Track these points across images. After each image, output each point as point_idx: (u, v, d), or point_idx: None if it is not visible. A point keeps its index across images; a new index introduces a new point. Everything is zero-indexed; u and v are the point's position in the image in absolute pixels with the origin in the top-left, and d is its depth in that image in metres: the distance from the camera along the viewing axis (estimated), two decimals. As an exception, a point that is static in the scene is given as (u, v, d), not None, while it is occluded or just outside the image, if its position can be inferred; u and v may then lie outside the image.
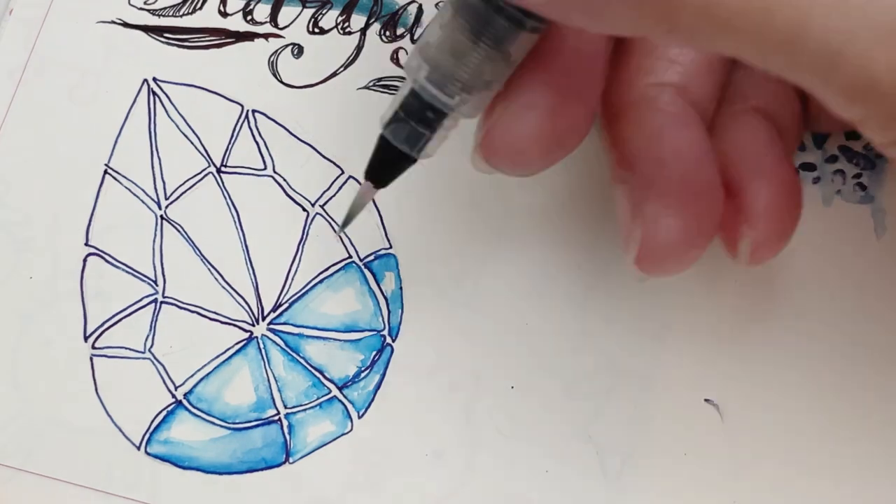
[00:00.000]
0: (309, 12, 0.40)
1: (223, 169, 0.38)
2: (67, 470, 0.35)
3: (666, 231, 0.30)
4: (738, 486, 0.35)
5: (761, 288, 0.36)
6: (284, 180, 0.38)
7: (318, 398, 0.36)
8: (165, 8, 0.40)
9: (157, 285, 0.37)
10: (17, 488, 0.35)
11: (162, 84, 0.39)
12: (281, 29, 0.40)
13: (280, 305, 0.37)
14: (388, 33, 0.40)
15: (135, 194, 0.38)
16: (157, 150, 0.38)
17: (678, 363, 0.36)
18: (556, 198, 0.37)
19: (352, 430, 0.35)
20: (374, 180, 0.32)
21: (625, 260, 0.31)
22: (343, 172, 0.38)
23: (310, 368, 0.36)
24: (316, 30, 0.40)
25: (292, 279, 0.37)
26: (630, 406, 0.35)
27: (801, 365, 0.35)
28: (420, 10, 0.40)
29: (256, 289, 0.37)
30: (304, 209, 0.38)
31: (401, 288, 0.37)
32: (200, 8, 0.40)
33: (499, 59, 0.28)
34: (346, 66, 0.40)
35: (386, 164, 0.32)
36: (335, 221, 0.37)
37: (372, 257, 0.37)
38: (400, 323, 0.36)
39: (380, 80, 0.39)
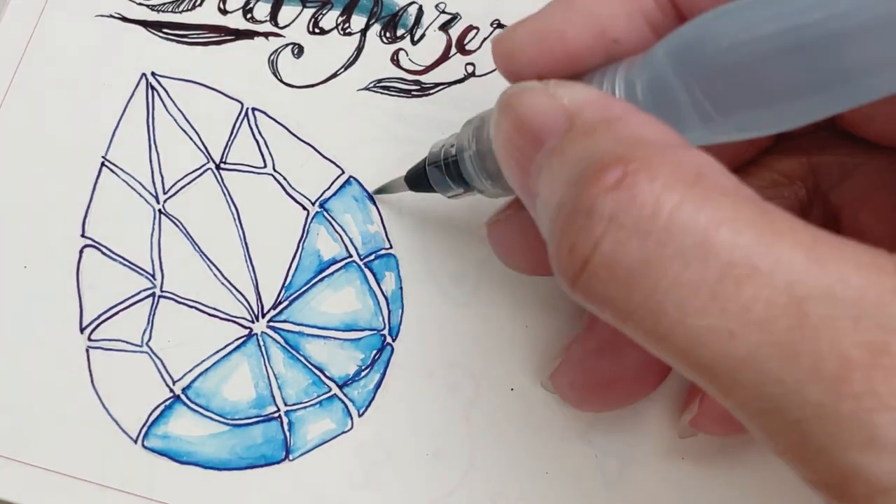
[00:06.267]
0: (309, 12, 0.40)
1: (222, 165, 0.38)
2: (62, 461, 0.35)
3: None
4: (736, 491, 0.35)
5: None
6: (284, 179, 0.38)
7: (318, 396, 0.35)
8: (164, 3, 0.40)
9: (154, 279, 0.37)
10: (10, 477, 0.35)
11: (160, 79, 0.39)
12: (281, 28, 0.40)
13: (280, 303, 0.36)
14: (388, 34, 0.40)
15: (132, 187, 0.38)
16: (155, 144, 0.38)
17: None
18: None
19: (352, 428, 0.35)
20: (408, 184, 0.35)
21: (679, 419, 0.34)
22: (343, 172, 0.38)
23: (310, 366, 0.36)
24: (316, 30, 0.40)
25: (292, 277, 0.37)
26: (629, 410, 0.35)
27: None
28: (420, 12, 0.40)
29: (256, 286, 0.37)
30: (305, 208, 0.37)
31: (401, 288, 0.37)
32: (200, 5, 0.40)
33: None
34: (347, 66, 0.39)
35: (418, 181, 0.34)
36: (335, 220, 0.37)
37: (372, 257, 0.37)
38: (400, 323, 0.36)
39: (380, 81, 0.39)
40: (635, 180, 0.21)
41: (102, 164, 0.38)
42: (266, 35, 0.40)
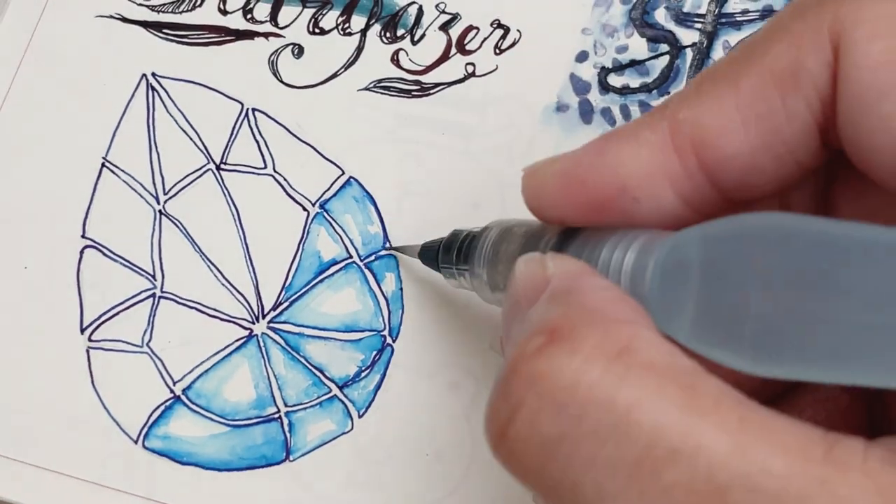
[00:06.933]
0: (309, 12, 0.40)
1: (222, 166, 0.38)
2: (62, 461, 0.35)
3: None
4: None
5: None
6: (284, 179, 0.38)
7: (318, 397, 0.35)
8: (165, 4, 0.40)
9: (155, 280, 0.37)
10: (10, 477, 0.35)
11: (161, 79, 0.39)
12: (281, 28, 0.40)
13: (280, 304, 0.36)
14: (388, 35, 0.40)
15: (133, 188, 0.38)
16: (155, 144, 0.38)
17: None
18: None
19: (352, 429, 0.35)
20: (420, 257, 0.35)
21: None
22: (343, 173, 0.38)
23: (310, 367, 0.36)
24: (316, 30, 0.40)
25: (292, 278, 0.37)
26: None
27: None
28: (420, 12, 0.40)
29: (256, 287, 0.37)
30: (305, 209, 0.37)
31: (401, 288, 0.37)
32: (200, 5, 0.40)
33: None
34: (347, 67, 0.39)
35: (429, 257, 0.34)
36: (336, 221, 0.37)
37: (373, 258, 0.37)
38: (400, 323, 0.36)
39: (380, 81, 0.39)
40: (554, 349, 0.20)
41: (103, 164, 0.38)
42: (266, 35, 0.40)
